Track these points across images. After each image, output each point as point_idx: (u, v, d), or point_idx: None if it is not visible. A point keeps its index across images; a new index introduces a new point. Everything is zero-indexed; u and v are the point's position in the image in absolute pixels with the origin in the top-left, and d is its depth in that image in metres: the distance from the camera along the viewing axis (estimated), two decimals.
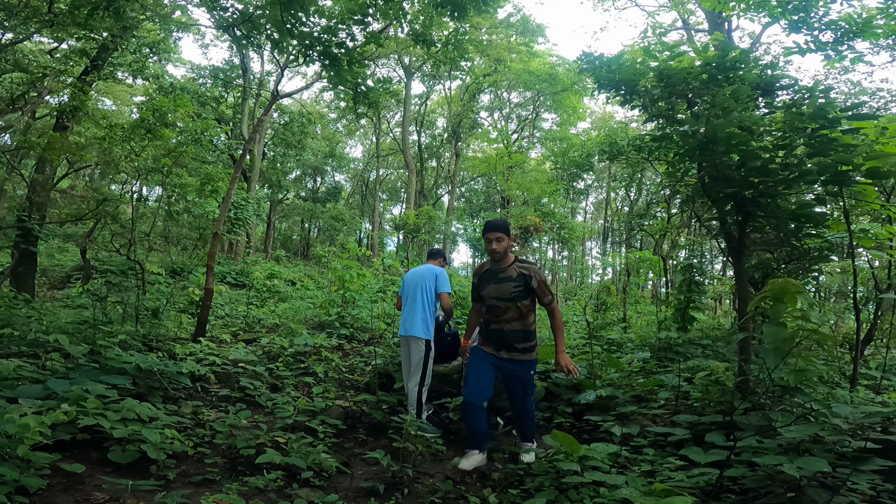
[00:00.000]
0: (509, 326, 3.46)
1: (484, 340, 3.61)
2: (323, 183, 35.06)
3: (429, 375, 4.33)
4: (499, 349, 3.50)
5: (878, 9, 5.53)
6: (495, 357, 3.50)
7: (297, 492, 2.92)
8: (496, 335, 3.51)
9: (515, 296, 3.43)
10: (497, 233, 3.46)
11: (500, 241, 3.45)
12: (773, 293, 2.74)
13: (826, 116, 3.39)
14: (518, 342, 3.46)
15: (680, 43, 5.87)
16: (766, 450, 2.67)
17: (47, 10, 6.89)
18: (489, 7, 6.83)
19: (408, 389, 4.36)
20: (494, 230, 3.47)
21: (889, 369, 4.93)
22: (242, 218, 16.38)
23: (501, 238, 3.45)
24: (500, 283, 3.47)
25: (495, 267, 3.53)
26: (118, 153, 9.19)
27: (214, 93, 20.25)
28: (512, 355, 3.47)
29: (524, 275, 3.45)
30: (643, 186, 21.42)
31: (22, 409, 2.70)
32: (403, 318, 4.45)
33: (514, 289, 3.44)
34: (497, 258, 3.48)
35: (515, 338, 3.46)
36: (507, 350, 3.47)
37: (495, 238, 3.45)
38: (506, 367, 3.49)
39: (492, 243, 3.46)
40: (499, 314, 3.49)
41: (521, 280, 3.44)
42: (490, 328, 3.54)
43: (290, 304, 10.49)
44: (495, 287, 3.49)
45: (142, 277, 8.32)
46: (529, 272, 3.45)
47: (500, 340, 3.49)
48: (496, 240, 3.45)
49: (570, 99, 24.22)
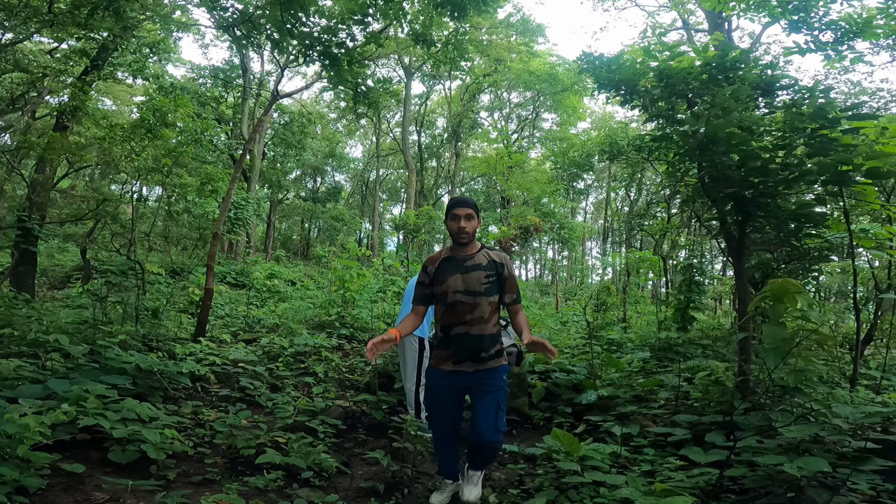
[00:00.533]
0: (477, 329, 2.73)
1: (440, 354, 2.83)
2: (323, 183, 35.08)
3: (424, 375, 4.34)
4: (461, 360, 2.75)
5: (878, 9, 5.53)
6: (458, 374, 2.76)
7: (297, 492, 2.92)
8: (460, 342, 2.74)
9: (487, 289, 2.75)
10: (467, 209, 2.78)
11: (469, 218, 2.77)
12: (773, 293, 2.75)
13: (826, 116, 3.39)
14: (486, 349, 2.75)
15: (680, 43, 5.88)
16: (766, 450, 2.67)
17: (47, 10, 6.89)
18: (489, 7, 6.83)
19: (406, 389, 4.37)
20: (464, 205, 2.80)
21: (889, 369, 4.93)
22: (242, 218, 16.38)
23: (472, 216, 2.78)
24: (468, 272, 2.76)
25: (460, 254, 2.82)
26: (118, 153, 9.18)
27: (214, 93, 20.26)
28: (479, 366, 2.76)
29: (496, 262, 2.81)
30: (643, 186, 21.44)
31: (22, 409, 2.70)
32: (398, 320, 4.45)
33: (486, 279, 2.76)
34: (464, 240, 2.79)
35: (484, 343, 2.74)
36: (474, 360, 2.74)
37: (465, 215, 2.76)
38: (473, 381, 2.76)
39: (460, 221, 2.76)
40: (463, 313, 2.73)
41: (493, 269, 2.79)
42: (451, 334, 2.76)
43: (290, 304, 10.49)
44: (461, 278, 2.75)
45: (142, 277, 8.31)
46: (502, 260, 2.84)
47: (465, 349, 2.74)
48: (466, 217, 2.76)
49: (570, 99, 24.23)
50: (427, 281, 2.85)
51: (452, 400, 2.83)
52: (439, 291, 2.79)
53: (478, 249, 2.85)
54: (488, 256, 2.82)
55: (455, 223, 2.78)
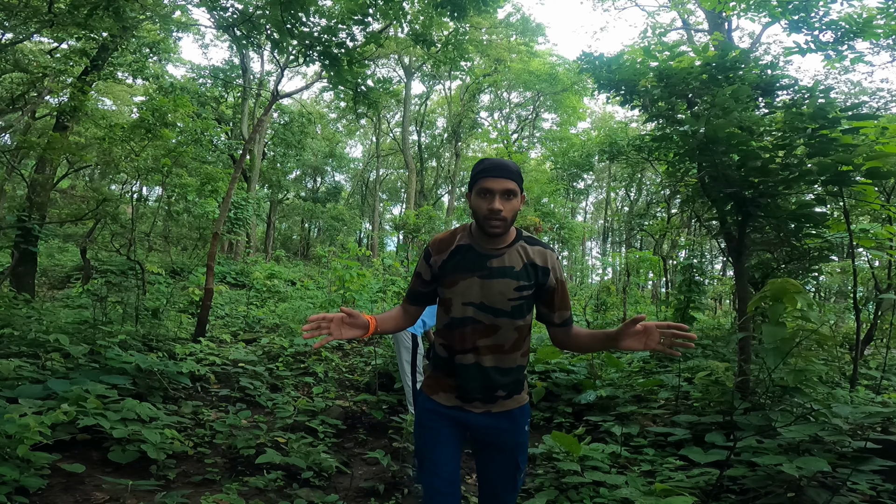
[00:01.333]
0: (494, 360, 1.78)
1: (438, 383, 1.90)
2: (323, 183, 35.09)
3: (420, 371, 4.34)
4: (469, 398, 1.83)
5: (879, 9, 5.53)
6: (461, 411, 1.85)
7: (297, 492, 2.92)
8: (466, 374, 1.80)
9: (517, 308, 1.75)
10: (507, 180, 1.67)
11: (509, 196, 1.67)
12: (773, 293, 2.75)
13: (826, 116, 3.39)
14: (503, 385, 1.81)
15: (680, 43, 5.88)
16: (766, 450, 2.67)
17: (47, 10, 6.89)
18: (489, 7, 6.83)
19: (405, 386, 4.39)
20: (502, 173, 1.67)
21: (889, 369, 4.93)
22: (242, 218, 16.38)
23: (513, 192, 1.68)
24: (492, 277, 1.73)
25: (484, 245, 1.76)
26: (118, 153, 9.20)
27: (214, 93, 20.27)
28: (492, 407, 1.83)
29: (536, 266, 1.75)
30: (643, 186, 21.43)
31: (22, 409, 2.70)
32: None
33: (517, 293, 1.73)
34: (497, 230, 1.69)
35: (503, 380, 1.81)
36: (485, 400, 1.82)
37: (502, 190, 1.66)
38: (482, 427, 1.85)
39: (494, 199, 1.65)
40: (475, 337, 1.77)
41: (529, 275, 1.75)
42: (455, 361, 1.82)
43: (290, 303, 10.49)
44: (480, 285, 1.74)
45: (142, 277, 8.32)
46: (546, 262, 1.76)
47: (474, 386, 1.81)
48: (503, 194, 1.66)
49: (570, 99, 24.25)
50: (429, 276, 1.84)
51: (452, 443, 1.89)
52: (444, 296, 1.81)
53: (511, 241, 1.77)
54: (525, 255, 1.76)
55: (485, 202, 1.67)
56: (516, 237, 1.78)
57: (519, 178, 1.71)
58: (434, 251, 1.82)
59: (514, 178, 1.69)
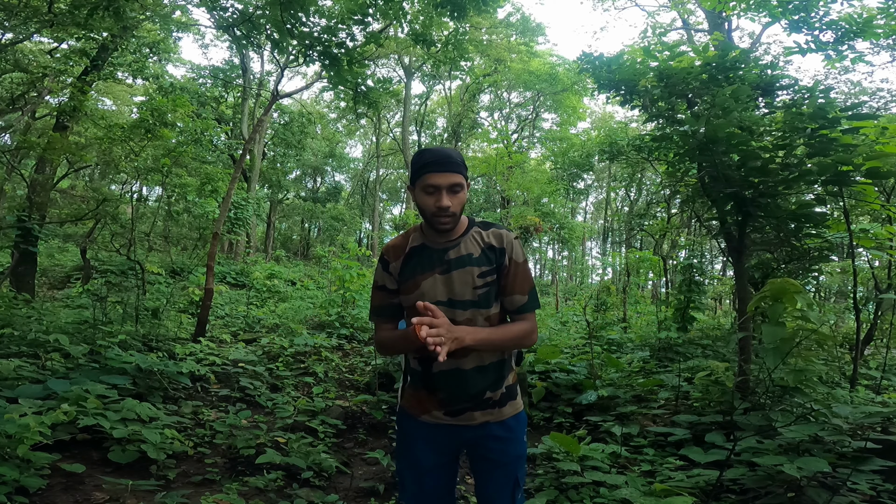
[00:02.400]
0: (472, 360, 1.64)
1: (421, 402, 1.72)
2: (323, 183, 35.10)
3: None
4: (458, 410, 1.67)
5: (879, 9, 5.53)
6: (452, 429, 1.69)
7: (297, 492, 2.92)
8: (448, 383, 1.66)
9: (484, 295, 1.64)
10: (451, 174, 1.56)
11: (455, 190, 1.58)
12: (773, 293, 2.75)
13: (826, 116, 3.39)
14: (490, 385, 1.67)
15: (680, 43, 5.88)
16: (766, 450, 2.67)
17: (47, 10, 6.89)
18: (489, 7, 6.84)
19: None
20: (445, 166, 1.56)
21: (889, 369, 4.93)
22: (242, 218, 16.39)
23: (459, 185, 1.58)
24: (451, 269, 1.64)
25: (437, 241, 1.67)
26: (118, 153, 9.20)
27: (214, 93, 20.27)
28: (482, 415, 1.68)
29: (493, 248, 1.65)
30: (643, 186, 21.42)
31: (22, 409, 2.70)
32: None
33: (482, 279, 1.63)
34: (446, 226, 1.60)
35: (485, 380, 1.66)
36: (476, 407, 1.67)
37: (448, 185, 1.56)
38: (476, 438, 1.70)
39: (441, 195, 1.56)
40: None
41: (490, 259, 1.65)
42: (433, 371, 1.66)
43: (290, 304, 10.50)
44: (441, 281, 1.64)
45: (142, 277, 8.32)
46: (502, 242, 1.66)
47: (458, 392, 1.66)
48: (449, 188, 1.57)
49: (570, 99, 24.24)
50: (394, 284, 1.70)
51: (443, 469, 1.73)
52: (407, 303, 1.68)
53: (464, 230, 1.67)
54: (481, 239, 1.66)
55: (432, 199, 1.57)
56: (468, 226, 1.70)
57: (464, 167, 1.61)
58: (391, 258, 1.71)
59: (460, 171, 1.59)
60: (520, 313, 1.67)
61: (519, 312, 1.67)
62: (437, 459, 1.72)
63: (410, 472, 1.74)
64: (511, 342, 1.65)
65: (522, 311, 1.67)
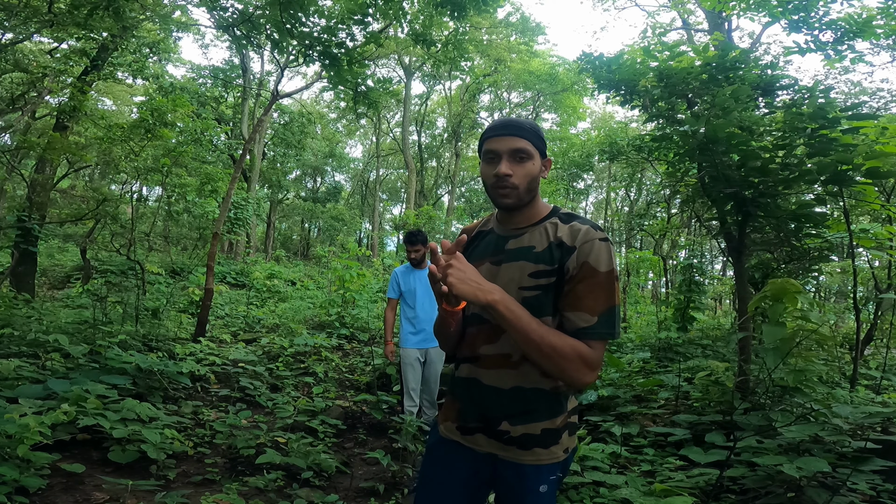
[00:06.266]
0: (493, 377, 1.35)
1: (445, 408, 1.51)
2: (323, 183, 35.08)
3: None
4: (468, 428, 1.41)
5: (879, 9, 5.53)
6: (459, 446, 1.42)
7: (297, 492, 2.92)
8: (462, 393, 1.43)
9: (532, 299, 1.28)
10: (517, 138, 1.31)
11: (520, 157, 1.31)
12: (773, 293, 2.75)
13: (826, 116, 3.39)
14: (509, 416, 1.34)
15: (680, 43, 5.88)
16: (766, 450, 2.67)
17: (47, 10, 6.89)
18: (489, 7, 6.84)
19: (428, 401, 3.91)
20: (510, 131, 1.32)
21: (889, 369, 4.94)
22: (242, 218, 16.38)
23: (525, 152, 1.31)
24: (505, 260, 1.35)
25: (504, 227, 1.41)
26: (118, 153, 9.21)
27: (214, 93, 20.26)
28: (488, 444, 1.38)
29: (563, 245, 1.29)
30: (643, 186, 21.41)
31: (22, 409, 2.70)
32: (422, 327, 3.76)
33: (533, 279, 1.30)
34: (507, 201, 1.32)
35: (501, 406, 1.35)
36: (487, 432, 1.37)
37: (509, 151, 1.30)
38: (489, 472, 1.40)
39: (500, 161, 1.31)
40: (480, 342, 1.38)
41: (552, 257, 1.29)
42: (456, 375, 1.47)
43: (290, 304, 10.49)
44: (490, 272, 1.35)
45: (142, 277, 8.32)
46: (576, 238, 1.28)
47: (469, 407, 1.41)
48: (511, 154, 1.31)
49: (570, 99, 24.24)
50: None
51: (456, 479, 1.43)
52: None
53: (540, 218, 1.37)
54: (552, 233, 1.32)
55: (490, 166, 1.33)
56: (548, 215, 1.37)
57: (534, 135, 1.32)
58: (467, 239, 1.47)
59: (526, 136, 1.31)
60: (581, 338, 1.23)
61: (580, 336, 1.23)
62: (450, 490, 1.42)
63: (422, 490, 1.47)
64: (547, 355, 1.19)
65: (585, 335, 1.23)
